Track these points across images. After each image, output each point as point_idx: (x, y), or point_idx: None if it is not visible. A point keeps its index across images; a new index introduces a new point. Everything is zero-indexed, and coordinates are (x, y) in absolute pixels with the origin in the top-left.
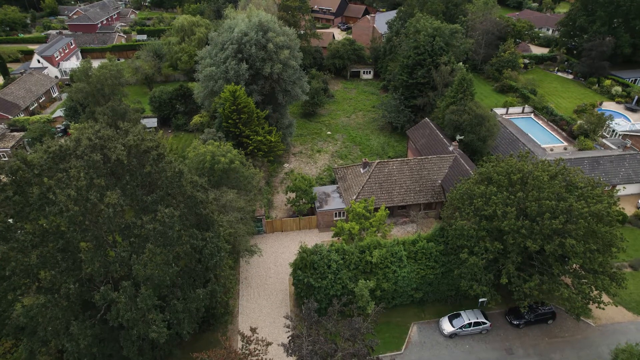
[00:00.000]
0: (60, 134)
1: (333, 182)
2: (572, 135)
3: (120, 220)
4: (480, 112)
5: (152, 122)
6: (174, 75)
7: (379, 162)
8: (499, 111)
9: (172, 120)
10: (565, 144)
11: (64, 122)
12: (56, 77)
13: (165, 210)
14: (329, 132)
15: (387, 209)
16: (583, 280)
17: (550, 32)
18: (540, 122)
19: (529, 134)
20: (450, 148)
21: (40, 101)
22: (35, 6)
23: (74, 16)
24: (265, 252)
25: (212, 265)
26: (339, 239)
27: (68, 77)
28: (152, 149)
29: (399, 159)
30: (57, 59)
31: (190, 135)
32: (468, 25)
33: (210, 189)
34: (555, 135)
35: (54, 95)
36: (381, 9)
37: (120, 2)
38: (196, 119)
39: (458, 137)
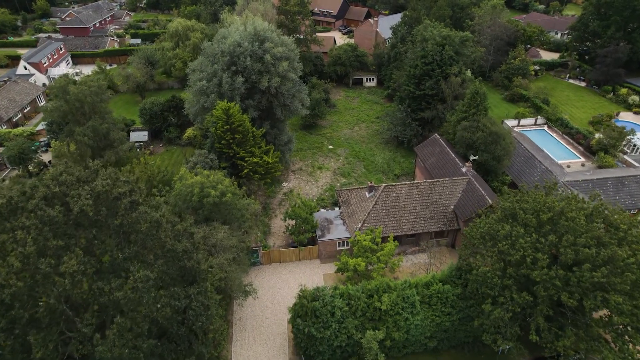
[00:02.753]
0: (44, 149)
1: (335, 203)
2: (589, 150)
3: (80, 290)
4: (496, 130)
5: (142, 136)
6: (167, 83)
7: (386, 186)
8: (510, 123)
9: (163, 134)
10: (583, 159)
11: (48, 136)
12: (44, 84)
13: (138, 275)
14: (330, 146)
15: (395, 240)
16: (628, 340)
17: (559, 35)
18: (554, 134)
19: (545, 150)
20: (464, 169)
21: (25, 111)
22: (26, 8)
23: (67, 18)
24: (262, 288)
25: (198, 327)
26: (342, 274)
27: None
28: (124, 195)
29: (407, 183)
30: (45, 65)
31: (183, 150)
32: (475, 29)
33: (198, 224)
34: (571, 150)
35: (41, 105)
36: (383, 12)
37: (115, 4)
38: (189, 132)
39: (472, 158)
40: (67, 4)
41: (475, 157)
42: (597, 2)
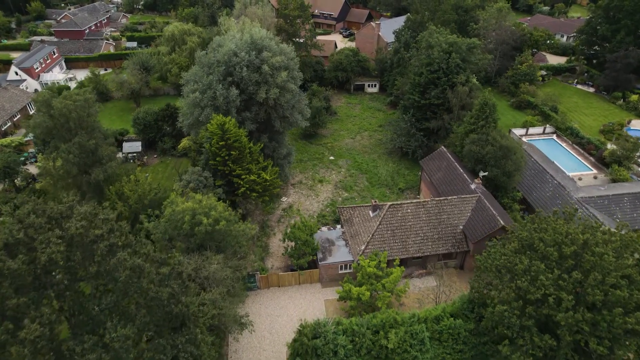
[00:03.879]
0: (33, 160)
1: (337, 220)
2: (601, 161)
3: (45, 357)
4: (506, 144)
5: (135, 147)
6: (163, 89)
7: (391, 205)
8: (518, 132)
9: (158, 144)
10: (595, 171)
11: (36, 148)
12: (35, 90)
13: (114, 335)
14: (331, 157)
15: (401, 265)
16: None
17: (564, 38)
18: (563, 144)
19: (555, 162)
20: (473, 186)
21: (15, 119)
22: (21, 9)
23: (63, 20)
24: (259, 316)
25: None
26: (345, 301)
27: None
28: (101, 238)
29: (414, 202)
30: (37, 71)
31: (176, 165)
32: (480, 33)
33: (190, 253)
34: (582, 161)
35: (31, 113)
36: (385, 13)
37: (111, 6)
38: (184, 142)
39: (481, 174)
40: (63, 5)
41: (485, 174)
42: (606, 5)
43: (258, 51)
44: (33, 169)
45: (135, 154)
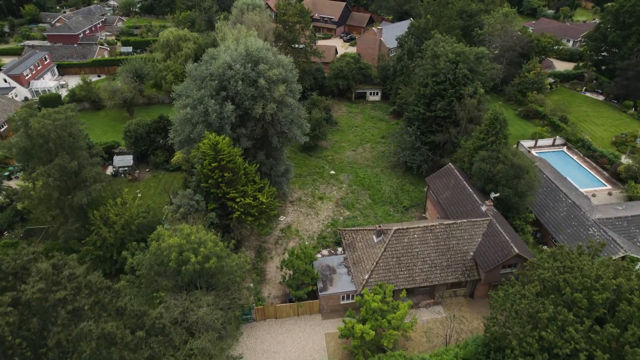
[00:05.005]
0: (17, 175)
1: (338, 243)
2: (615, 176)
3: None
4: (519, 162)
5: (127, 160)
6: (157, 97)
7: (397, 229)
8: (527, 144)
9: (150, 157)
10: (609, 187)
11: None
12: (25, 98)
13: None
14: (332, 172)
15: (409, 299)
16: None
17: (571, 43)
18: (575, 157)
19: (568, 178)
20: (483, 208)
21: (2, 130)
22: (14, 12)
23: (57, 24)
24: (255, 352)
25: None
26: (347, 338)
27: (37, 99)
28: (64, 301)
29: (421, 226)
30: (27, 78)
31: (166, 186)
32: (485, 38)
33: (178, 291)
34: (595, 175)
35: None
36: (387, 17)
37: (107, 9)
38: (178, 155)
39: (493, 195)
40: (58, 8)
41: (497, 195)
42: (616, 10)
43: (254, 63)
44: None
45: (126, 168)
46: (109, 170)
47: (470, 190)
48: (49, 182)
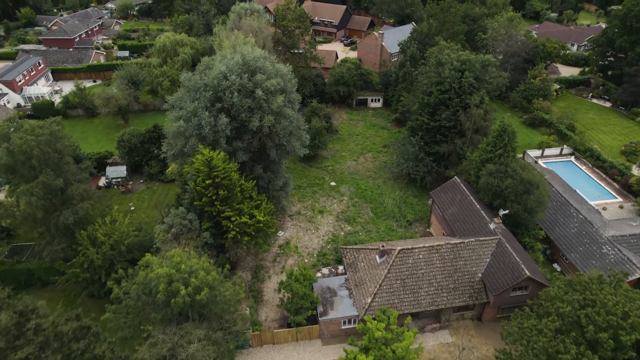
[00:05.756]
0: (3, 187)
1: (339, 261)
2: (627, 188)
3: None
4: (528, 177)
5: (120, 171)
6: (153, 104)
7: (401, 250)
8: (533, 153)
9: (144, 168)
10: (620, 199)
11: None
12: (18, 105)
13: None
14: (332, 183)
15: (415, 327)
16: None
17: (575, 47)
18: (583, 167)
19: (577, 190)
20: (492, 226)
21: None
22: (10, 16)
23: (54, 27)
24: None
25: None
26: None
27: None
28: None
29: (426, 246)
30: (20, 84)
31: (158, 205)
32: (488, 43)
33: (168, 323)
34: (604, 186)
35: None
36: (388, 20)
37: (105, 12)
38: (173, 166)
39: (502, 213)
40: (55, 11)
41: (506, 212)
42: (623, 15)
43: (251, 73)
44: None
45: (119, 180)
46: (102, 181)
47: (478, 206)
48: (32, 201)
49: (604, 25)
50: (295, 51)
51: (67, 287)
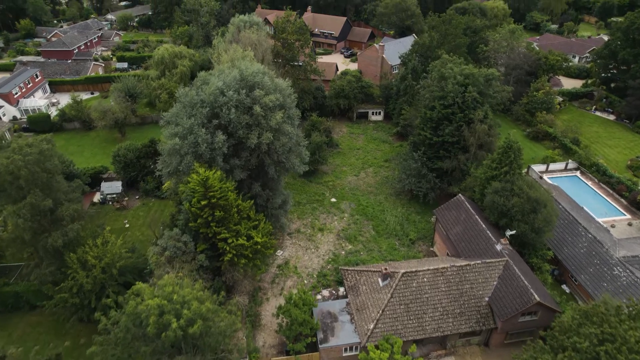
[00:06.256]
0: None
1: (340, 282)
2: (635, 204)
3: None
4: (535, 196)
5: (115, 187)
6: (151, 116)
7: (405, 273)
8: (537, 168)
9: (140, 184)
10: (628, 216)
11: None
12: (14, 118)
13: None
14: (333, 199)
15: (420, 358)
16: None
17: (577, 59)
18: (589, 182)
19: (585, 207)
20: (498, 247)
21: None
22: (9, 27)
23: (53, 38)
24: None
25: None
26: None
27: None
28: None
29: (431, 268)
30: (16, 96)
31: (162, 203)
32: (490, 55)
33: (159, 357)
34: (612, 203)
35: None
36: (388, 32)
37: (105, 23)
38: (169, 183)
39: (508, 233)
40: (55, 22)
41: (513, 232)
42: (626, 27)
43: (249, 89)
44: None
45: (114, 196)
46: (97, 197)
47: (483, 225)
48: (19, 223)
49: (605, 37)
50: (295, 64)
51: (56, 311)
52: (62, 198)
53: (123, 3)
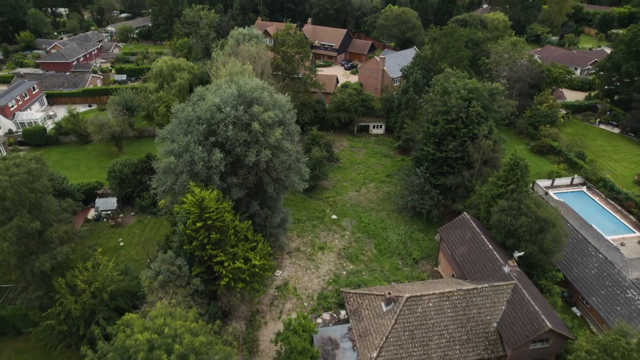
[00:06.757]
0: None
1: (341, 304)
2: None
3: None
4: (543, 215)
5: (110, 203)
6: (148, 130)
7: (409, 297)
8: (543, 183)
9: (136, 200)
10: (638, 233)
11: None
12: (9, 131)
13: None
14: (334, 216)
15: None
16: None
17: (578, 71)
18: (596, 198)
19: (593, 225)
20: (506, 269)
21: None
22: (9, 39)
23: (52, 50)
24: None
25: None
26: None
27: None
28: None
29: (437, 292)
30: (12, 109)
31: (158, 221)
32: (492, 67)
33: None
34: (621, 219)
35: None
36: (389, 44)
37: (105, 34)
38: (165, 201)
39: (517, 255)
40: (55, 34)
41: (521, 254)
42: (629, 40)
43: (247, 105)
44: None
45: (109, 212)
46: (91, 213)
47: (490, 246)
48: (4, 247)
49: (606, 49)
50: (295, 76)
51: (43, 337)
52: (52, 219)
53: (123, 15)
